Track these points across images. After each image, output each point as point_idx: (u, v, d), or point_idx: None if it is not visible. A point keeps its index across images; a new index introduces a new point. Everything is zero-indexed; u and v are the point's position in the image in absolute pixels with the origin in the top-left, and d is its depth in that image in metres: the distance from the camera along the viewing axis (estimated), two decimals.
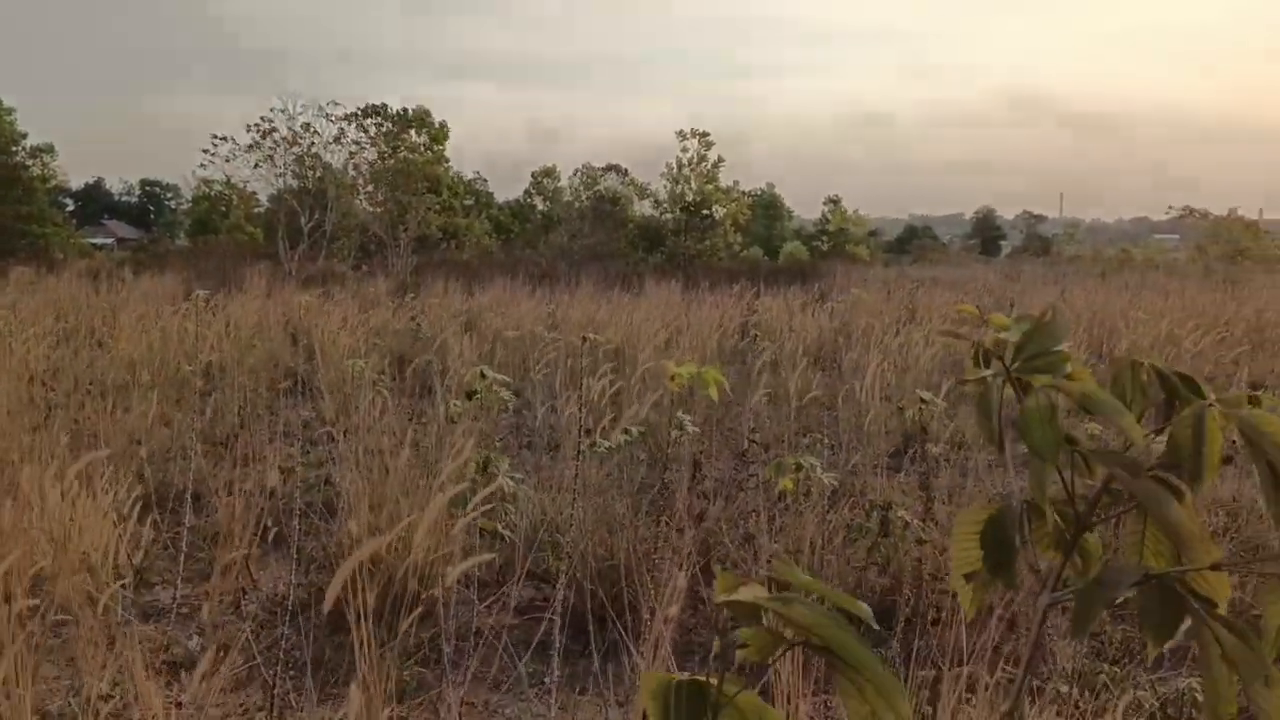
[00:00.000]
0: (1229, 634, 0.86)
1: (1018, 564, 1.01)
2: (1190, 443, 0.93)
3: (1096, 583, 0.92)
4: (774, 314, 14.63)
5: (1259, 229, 31.43)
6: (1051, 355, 0.98)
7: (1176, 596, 0.89)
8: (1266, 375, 10.90)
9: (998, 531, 1.01)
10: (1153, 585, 0.90)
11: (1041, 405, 0.96)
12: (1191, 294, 19.25)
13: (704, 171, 29.68)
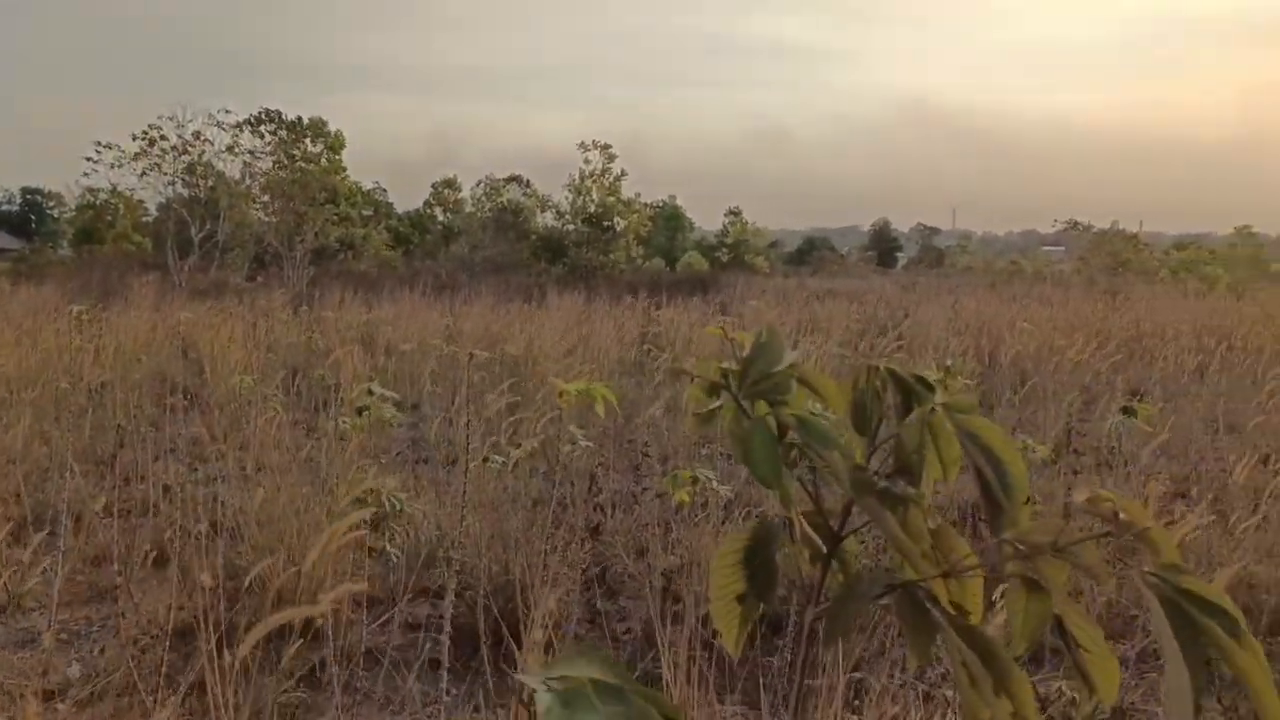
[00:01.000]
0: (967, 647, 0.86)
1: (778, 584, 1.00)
2: (916, 444, 0.93)
3: (847, 592, 0.92)
4: (674, 325, 14.72)
5: (1139, 241, 32.73)
6: (774, 377, 0.97)
7: (922, 608, 0.89)
8: (1144, 381, 11.33)
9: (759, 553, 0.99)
10: (902, 595, 0.90)
11: (761, 434, 0.94)
12: (1075, 304, 19.96)
13: (606, 183, 29.73)
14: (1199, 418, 8.87)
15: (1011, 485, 0.95)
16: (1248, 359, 12.22)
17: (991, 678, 0.88)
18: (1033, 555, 0.91)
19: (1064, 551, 0.89)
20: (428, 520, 4.95)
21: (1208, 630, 0.78)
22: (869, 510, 0.96)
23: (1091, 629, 0.92)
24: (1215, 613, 0.79)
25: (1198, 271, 29.25)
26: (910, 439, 0.96)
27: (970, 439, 0.95)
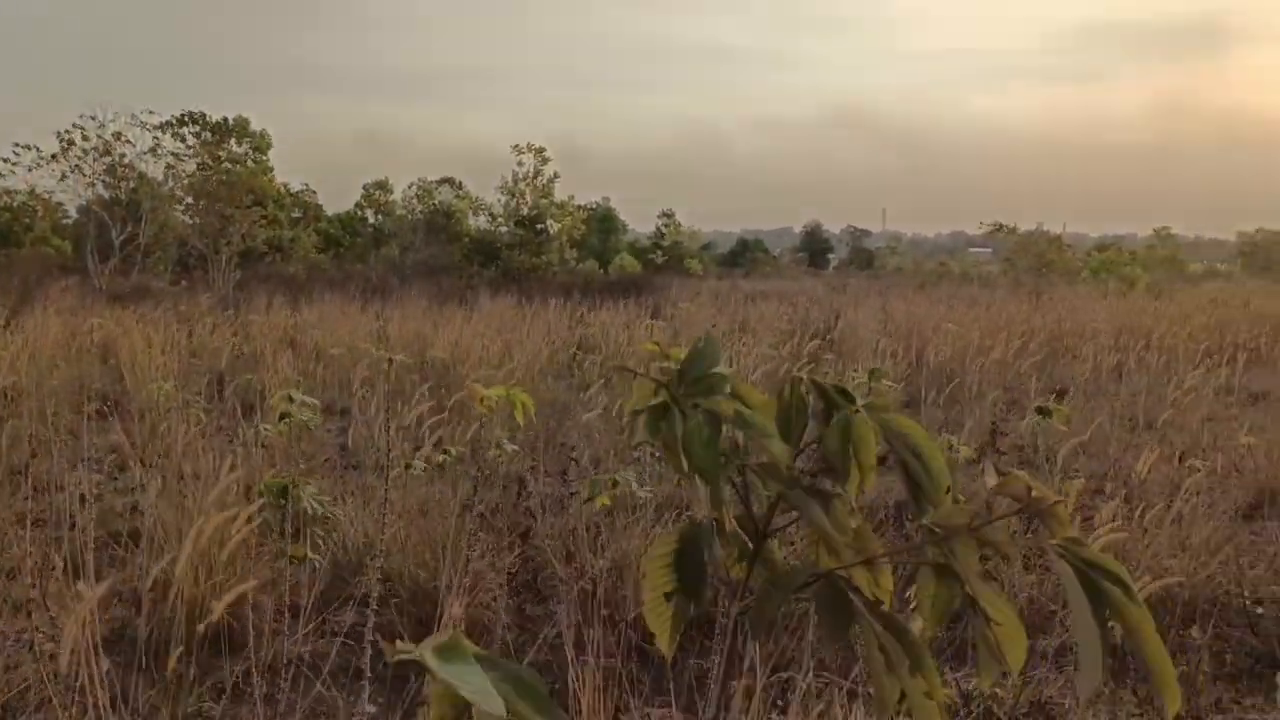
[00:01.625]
0: (881, 626, 0.93)
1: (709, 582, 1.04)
2: (839, 447, 0.99)
3: (771, 585, 0.97)
4: (607, 328, 14.73)
5: (1061, 243, 33.46)
6: (711, 378, 1.01)
7: (843, 595, 0.95)
8: (1066, 380, 11.59)
9: (688, 554, 1.03)
10: (823, 585, 0.95)
11: (700, 428, 0.98)
12: (1001, 304, 20.34)
13: (539, 186, 29.63)
14: (1118, 415, 9.10)
15: (934, 475, 1.02)
16: (1164, 358, 12.57)
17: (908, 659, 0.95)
18: (950, 537, 0.98)
19: (978, 531, 0.96)
20: (355, 526, 4.90)
21: (1105, 590, 0.89)
22: (798, 503, 1.02)
23: (1003, 604, 0.98)
24: (1110, 577, 0.90)
25: (1118, 272, 30.01)
26: (833, 442, 1.02)
27: (895, 436, 1.03)
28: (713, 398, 1.03)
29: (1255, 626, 4.42)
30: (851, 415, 1.02)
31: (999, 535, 0.95)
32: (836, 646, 0.83)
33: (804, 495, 1.00)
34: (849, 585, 0.98)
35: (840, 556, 1.01)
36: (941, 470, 1.01)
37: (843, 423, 1.01)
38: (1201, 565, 4.82)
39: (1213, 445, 7.30)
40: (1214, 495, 5.94)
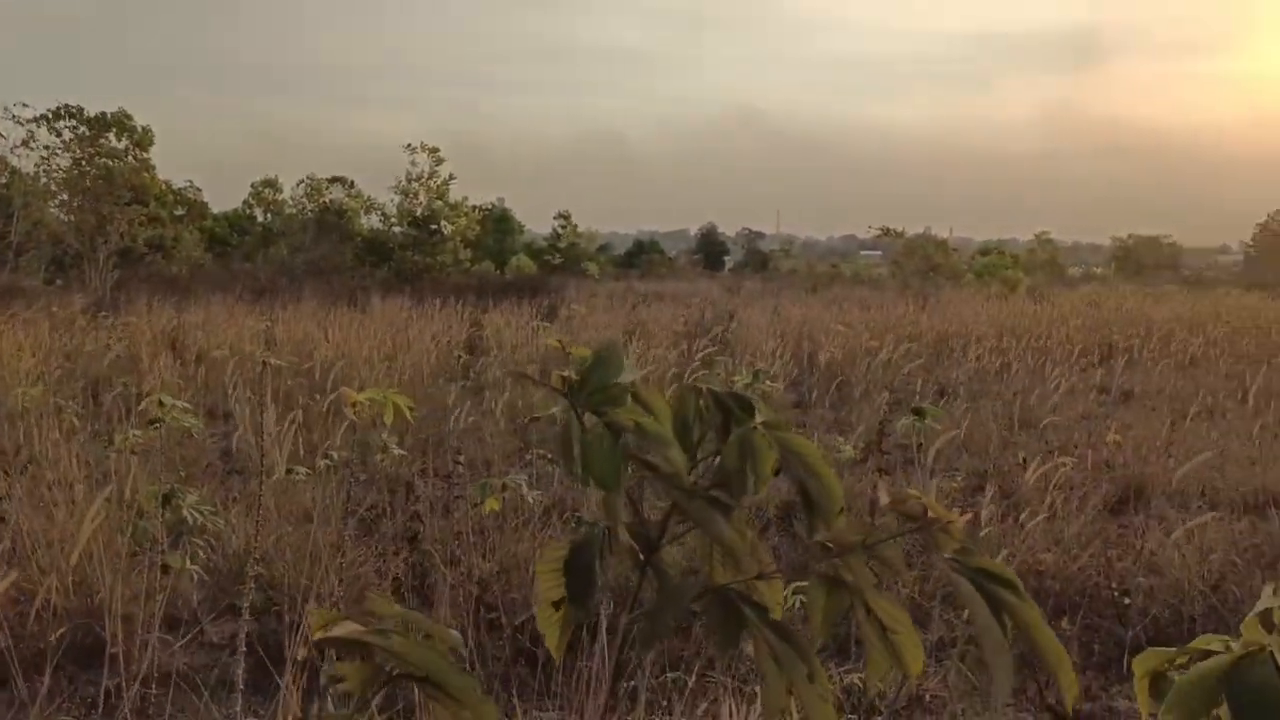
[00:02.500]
0: (775, 637, 0.95)
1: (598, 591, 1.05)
2: (737, 461, 1.00)
3: (664, 598, 0.98)
4: (501, 329, 14.64)
5: (947, 246, 34.42)
6: (613, 388, 1.01)
7: (735, 607, 0.97)
8: (950, 380, 11.92)
9: (579, 561, 1.04)
10: (714, 597, 0.97)
11: (600, 439, 0.99)
12: (889, 306, 20.83)
13: (433, 186, 29.26)
14: (999, 414, 9.40)
15: (829, 493, 1.05)
16: (1042, 358, 13.03)
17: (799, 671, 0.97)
18: (843, 553, 1.01)
19: (871, 548, 1.00)
20: (236, 533, 4.77)
21: (998, 595, 0.94)
22: (699, 515, 1.03)
23: (898, 612, 1.02)
24: (1000, 581, 0.96)
25: (1000, 275, 30.97)
26: (732, 458, 1.04)
27: (792, 455, 1.05)
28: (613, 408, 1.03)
29: (1123, 616, 4.61)
30: (750, 432, 1.04)
31: (892, 552, 1.00)
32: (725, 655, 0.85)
33: (706, 507, 1.02)
34: (741, 597, 1.01)
35: (741, 567, 1.03)
36: (836, 489, 1.04)
37: (741, 438, 1.03)
38: (1073, 559, 5.01)
39: (1086, 443, 7.58)
40: (1086, 491, 6.18)
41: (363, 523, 5.39)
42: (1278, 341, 14.45)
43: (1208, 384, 11.11)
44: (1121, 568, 5.04)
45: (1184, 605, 4.67)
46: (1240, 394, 10.60)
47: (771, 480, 1.09)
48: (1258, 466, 6.99)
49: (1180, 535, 4.74)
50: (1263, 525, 5.84)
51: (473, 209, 31.47)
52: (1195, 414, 8.72)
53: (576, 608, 1.09)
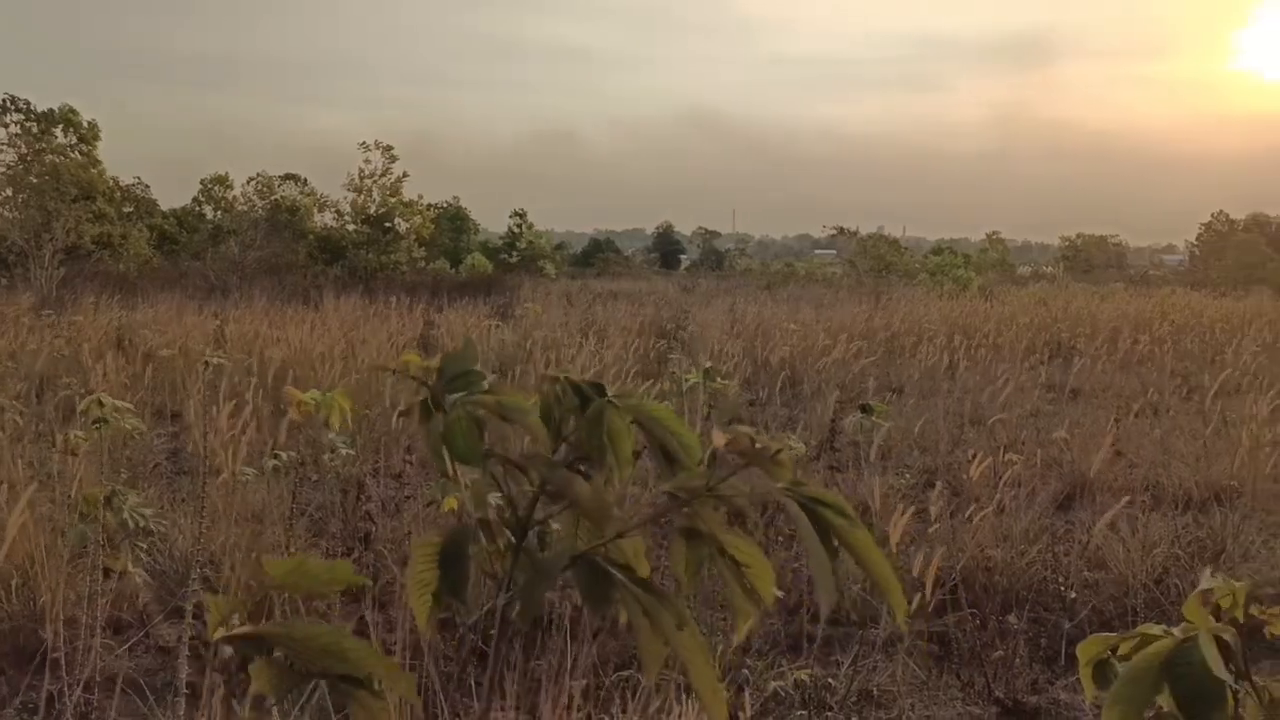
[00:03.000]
0: (644, 592, 0.99)
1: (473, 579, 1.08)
2: (593, 435, 1.06)
3: (535, 573, 1.01)
4: (454, 328, 14.57)
5: (899, 245, 34.73)
6: (468, 375, 1.08)
7: (601, 569, 1.00)
8: (902, 378, 12.05)
9: (453, 551, 1.06)
10: (582, 563, 1.01)
11: (461, 418, 1.04)
12: (843, 305, 21.00)
13: (388, 184, 29.02)
14: (949, 412, 9.50)
15: (688, 449, 1.10)
16: (993, 356, 13.20)
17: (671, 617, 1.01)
18: (692, 499, 1.04)
19: (714, 488, 1.03)
20: (183, 535, 4.70)
21: (830, 521, 1.00)
22: (561, 482, 1.07)
23: (749, 546, 1.05)
24: (831, 508, 1.01)
25: (952, 274, 31.33)
26: (586, 432, 1.08)
27: (648, 420, 1.09)
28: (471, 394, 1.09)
29: (1070, 611, 4.68)
30: (604, 405, 1.08)
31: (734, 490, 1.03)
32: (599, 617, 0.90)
33: (567, 474, 1.06)
34: (607, 560, 1.04)
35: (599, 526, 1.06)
36: (694, 444, 1.09)
37: (596, 412, 1.08)
38: (1020, 554, 5.08)
39: (1034, 439, 7.69)
40: (1034, 486, 6.27)
41: (314, 523, 5.35)
42: (1220, 339, 14.74)
43: (1153, 381, 11.31)
44: (1067, 562, 5.12)
45: (1127, 598, 4.75)
46: (1184, 391, 10.81)
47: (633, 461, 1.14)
48: (1201, 462, 7.13)
49: (1104, 525, 4.83)
50: (1205, 519, 5.96)
51: (427, 207, 31.27)
52: (1140, 411, 8.88)
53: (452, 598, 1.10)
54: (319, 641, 0.91)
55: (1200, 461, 7.13)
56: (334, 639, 0.91)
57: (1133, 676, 1.18)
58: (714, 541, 1.02)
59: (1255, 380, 11.03)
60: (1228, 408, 8.78)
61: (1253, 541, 5.29)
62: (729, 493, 1.01)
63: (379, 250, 27.68)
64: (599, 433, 1.06)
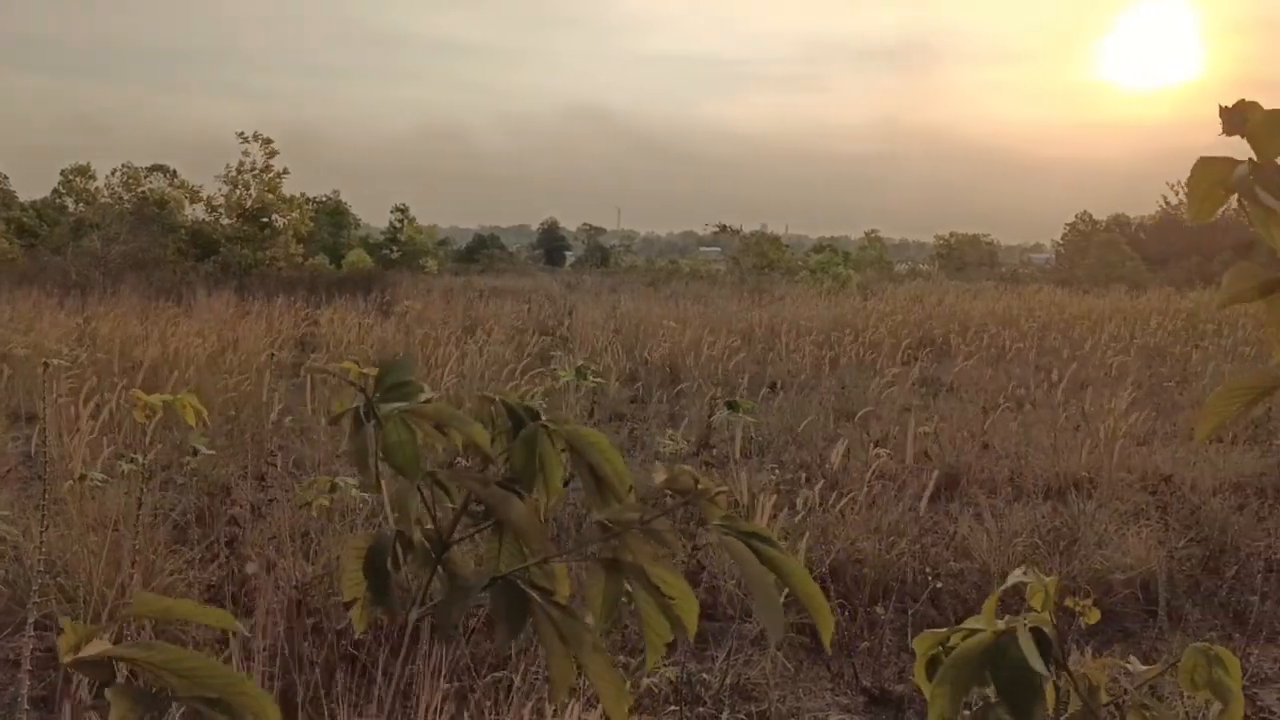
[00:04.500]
0: (561, 615, 1.00)
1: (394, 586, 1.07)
2: (525, 458, 1.06)
3: (454, 590, 1.02)
4: (336, 325, 14.27)
5: (780, 243, 35.35)
6: (406, 386, 1.06)
7: (521, 592, 1.01)
8: (781, 374, 12.24)
9: (375, 559, 1.06)
10: (501, 586, 1.01)
11: (401, 430, 1.03)
12: (725, 302, 21.24)
13: (265, 178, 28.18)
14: (827, 407, 9.70)
15: (618, 476, 1.10)
16: (870, 353, 13.53)
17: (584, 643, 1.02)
18: (622, 532, 1.05)
19: (647, 524, 1.04)
20: (34, 542, 4.49)
21: (762, 551, 1.02)
22: (493, 499, 1.07)
23: (675, 579, 1.06)
24: (763, 540, 1.03)
25: (832, 272, 32.00)
26: (519, 455, 1.08)
27: (583, 446, 1.10)
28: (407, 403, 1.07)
29: (936, 601, 4.82)
30: (538, 428, 1.08)
31: (665, 527, 1.04)
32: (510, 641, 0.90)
33: (501, 492, 1.06)
34: (527, 583, 1.04)
35: (532, 547, 1.07)
36: (623, 472, 1.10)
37: (530, 435, 1.08)
38: (890, 545, 5.21)
39: (905, 434, 7.90)
40: (905, 479, 6.44)
41: (178, 528, 5.17)
42: (1081, 335, 15.38)
43: (1018, 376, 11.73)
44: (936, 554, 5.28)
45: (990, 587, 4.91)
46: (1048, 385, 11.25)
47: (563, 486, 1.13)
48: (1060, 453, 7.43)
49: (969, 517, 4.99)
50: (1063, 508, 6.21)
51: (306, 201, 30.52)
52: (1005, 405, 9.20)
53: (376, 603, 1.10)
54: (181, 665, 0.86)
55: (1059, 453, 7.42)
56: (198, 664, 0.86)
57: (954, 665, 1.23)
58: (640, 574, 1.03)
59: (1111, 374, 11.56)
60: (1086, 401, 9.17)
61: (1105, 529, 5.52)
62: (661, 528, 1.01)
63: (254, 246, 26.89)
64: (532, 456, 1.06)
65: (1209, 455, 7.50)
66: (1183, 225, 51.70)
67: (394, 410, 1.03)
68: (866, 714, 3.89)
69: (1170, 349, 14.10)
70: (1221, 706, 1.29)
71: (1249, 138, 1.25)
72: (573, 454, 1.09)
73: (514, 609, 0.99)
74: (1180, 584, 5.08)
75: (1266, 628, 4.65)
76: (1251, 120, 1.24)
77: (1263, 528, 5.66)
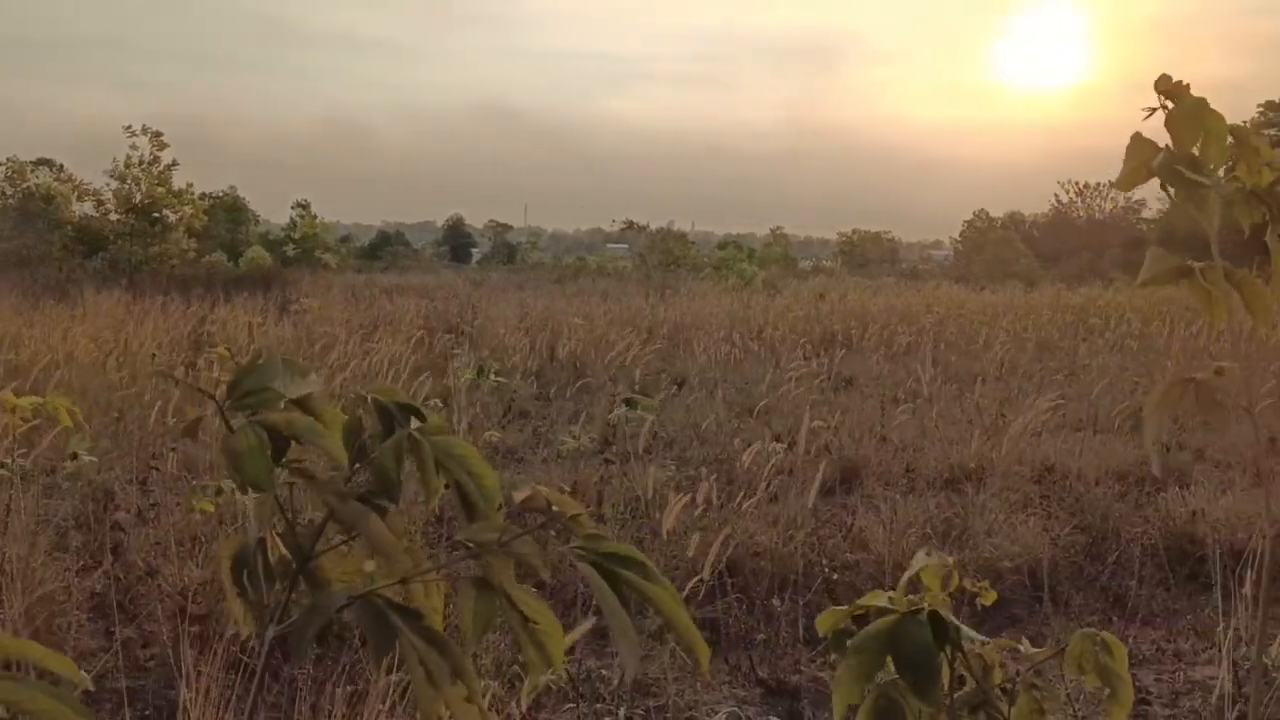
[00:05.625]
0: (421, 641, 0.96)
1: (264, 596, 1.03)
2: (392, 466, 1.01)
3: (310, 610, 0.97)
4: (233, 324, 13.92)
5: (687, 240, 35.56)
6: (264, 393, 1.00)
7: (381, 613, 0.97)
8: (685, 370, 12.31)
9: (238, 570, 1.02)
10: (362, 604, 0.97)
11: (250, 440, 0.97)
12: (631, 299, 21.30)
13: (156, 173, 27.28)
14: (730, 402, 9.80)
15: (487, 494, 1.07)
16: (772, 348, 13.70)
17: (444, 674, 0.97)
18: (483, 553, 1.02)
19: (506, 545, 1.01)
20: None
21: (625, 577, 0.99)
22: (354, 516, 1.02)
23: (537, 603, 1.04)
24: (631, 564, 1.00)
25: (736, 269, 32.31)
26: (386, 461, 1.03)
27: (449, 457, 1.05)
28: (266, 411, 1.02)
29: (833, 592, 4.90)
30: (403, 438, 1.04)
31: (528, 548, 1.02)
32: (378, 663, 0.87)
33: (359, 507, 1.01)
34: (391, 604, 1.00)
35: (396, 567, 1.03)
36: (494, 488, 1.07)
37: (395, 445, 1.03)
38: (789, 538, 5.29)
39: (807, 428, 8.01)
40: (806, 473, 6.54)
41: (60, 534, 4.99)
42: (977, 330, 15.79)
43: (917, 370, 11.99)
44: (832, 545, 5.37)
45: (884, 577, 5.02)
46: (944, 379, 11.51)
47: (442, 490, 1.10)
48: (954, 445, 7.62)
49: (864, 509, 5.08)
50: (956, 499, 6.37)
51: (200, 196, 29.66)
52: (904, 399, 9.41)
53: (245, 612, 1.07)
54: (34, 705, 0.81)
55: (953, 445, 7.61)
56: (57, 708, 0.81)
57: (859, 648, 1.27)
58: (505, 597, 1.00)
59: (1005, 368, 11.90)
60: (979, 394, 9.42)
61: (995, 518, 5.68)
62: (522, 549, 0.99)
63: (145, 242, 26.03)
64: (396, 467, 1.01)
65: (1094, 445, 7.77)
66: (1074, 223, 53.45)
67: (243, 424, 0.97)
68: (763, 705, 3.94)
69: (1060, 343, 14.57)
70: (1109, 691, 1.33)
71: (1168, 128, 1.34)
72: (443, 470, 1.05)
73: (380, 629, 0.96)
74: (1064, 570, 5.26)
75: (1144, 610, 4.84)
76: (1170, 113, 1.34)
77: (1141, 514, 5.88)
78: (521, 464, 7.68)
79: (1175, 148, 1.33)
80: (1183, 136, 1.33)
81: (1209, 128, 1.33)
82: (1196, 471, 7.01)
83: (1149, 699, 4.05)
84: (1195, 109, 1.33)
